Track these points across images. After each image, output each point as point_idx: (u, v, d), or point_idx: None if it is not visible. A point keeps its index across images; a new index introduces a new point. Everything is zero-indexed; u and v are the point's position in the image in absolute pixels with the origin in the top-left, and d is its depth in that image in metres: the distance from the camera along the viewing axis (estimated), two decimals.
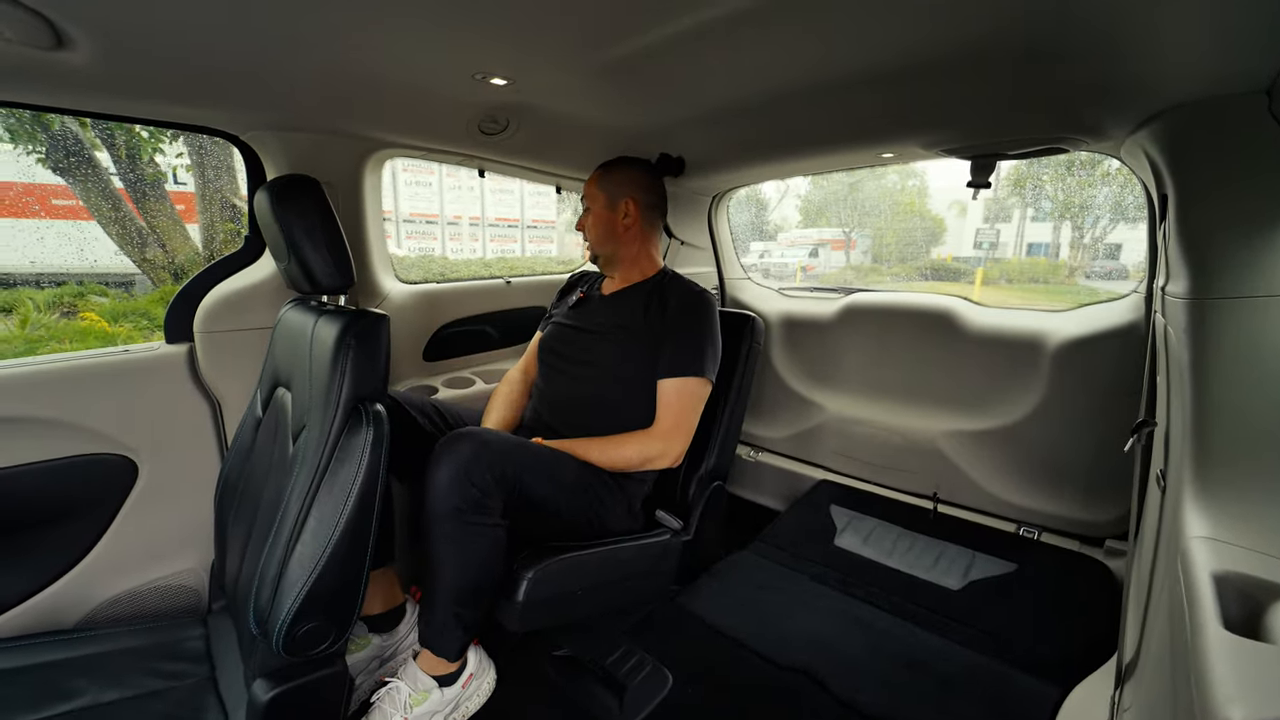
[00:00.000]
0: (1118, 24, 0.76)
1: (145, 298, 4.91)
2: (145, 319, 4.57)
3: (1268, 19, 0.66)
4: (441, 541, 0.93)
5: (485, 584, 0.98)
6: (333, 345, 0.79)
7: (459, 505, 0.92)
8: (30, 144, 3.93)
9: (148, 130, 4.24)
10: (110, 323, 4.60)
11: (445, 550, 0.93)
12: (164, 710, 0.83)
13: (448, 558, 0.94)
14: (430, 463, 0.94)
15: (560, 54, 0.90)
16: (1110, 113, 1.00)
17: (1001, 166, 1.32)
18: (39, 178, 4.06)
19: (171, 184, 4.65)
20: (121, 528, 1.13)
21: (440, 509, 0.92)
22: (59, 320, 4.59)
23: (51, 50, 0.76)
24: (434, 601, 0.97)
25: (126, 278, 4.96)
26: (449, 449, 0.94)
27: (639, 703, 1.04)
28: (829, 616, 1.25)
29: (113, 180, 4.21)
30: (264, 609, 0.73)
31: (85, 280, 4.94)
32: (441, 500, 0.92)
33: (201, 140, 4.19)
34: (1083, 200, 9.51)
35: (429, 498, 0.93)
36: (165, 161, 4.54)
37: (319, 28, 0.77)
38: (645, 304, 1.23)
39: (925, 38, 0.83)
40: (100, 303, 4.98)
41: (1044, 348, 1.49)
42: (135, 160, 4.31)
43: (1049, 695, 1.03)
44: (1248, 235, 0.82)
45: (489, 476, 0.94)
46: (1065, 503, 1.50)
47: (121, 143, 4.09)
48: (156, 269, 4.58)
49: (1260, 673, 0.47)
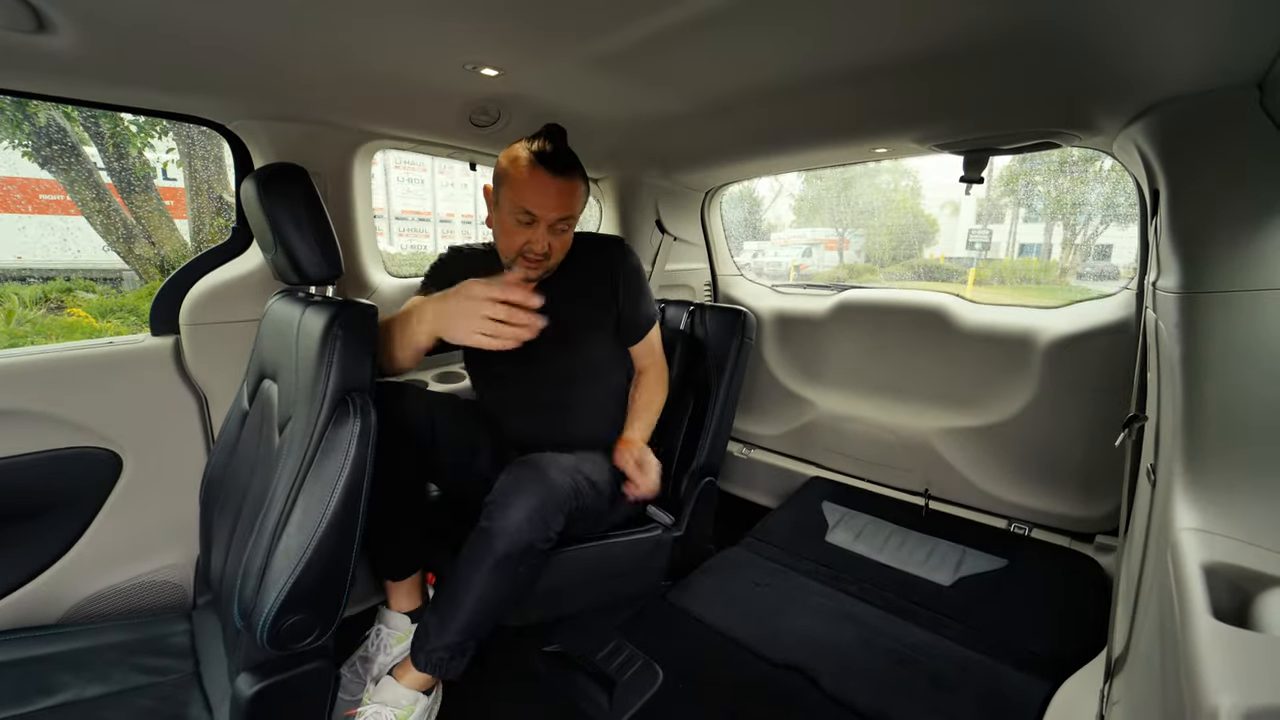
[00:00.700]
0: (1109, 18, 0.76)
1: (133, 293, 4.85)
2: (134, 315, 4.52)
3: (1259, 11, 0.66)
4: (501, 577, 0.94)
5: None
6: (320, 336, 0.78)
7: (531, 543, 0.93)
8: (15, 136, 3.87)
9: (136, 124, 4.20)
10: (98, 318, 4.55)
11: (503, 584, 0.94)
12: (148, 705, 0.81)
13: (502, 589, 0.95)
14: (499, 501, 0.96)
15: (551, 45, 0.90)
16: (1102, 107, 1.00)
17: (994, 166, 1.32)
18: (23, 171, 4.00)
19: (160, 179, 4.59)
20: (105, 522, 1.11)
21: (509, 549, 0.93)
22: (45, 316, 4.53)
23: (33, 34, 0.74)
24: (455, 624, 0.96)
25: (114, 273, 4.90)
26: (521, 491, 0.96)
27: (628, 699, 1.04)
28: (821, 613, 1.25)
29: (100, 175, 4.16)
30: (249, 602, 0.72)
31: (72, 276, 4.88)
32: (512, 540, 0.93)
33: (191, 134, 4.15)
34: (1075, 199, 9.59)
35: (496, 535, 0.93)
36: (155, 156, 4.48)
37: (307, 15, 0.76)
38: (575, 280, 1.16)
39: (918, 32, 0.83)
40: (88, 298, 4.92)
41: (1035, 344, 1.50)
42: (123, 154, 4.26)
43: (1040, 690, 1.03)
44: (1240, 229, 0.82)
45: (561, 516, 0.96)
46: (1056, 499, 1.50)
47: (109, 136, 4.03)
48: (145, 264, 4.53)
49: (1249, 661, 0.47)
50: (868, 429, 1.77)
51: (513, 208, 1.02)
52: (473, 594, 0.94)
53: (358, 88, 1.03)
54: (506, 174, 1.03)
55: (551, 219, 1.02)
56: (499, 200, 1.06)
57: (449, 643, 0.96)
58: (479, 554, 0.94)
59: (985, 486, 1.58)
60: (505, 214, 1.04)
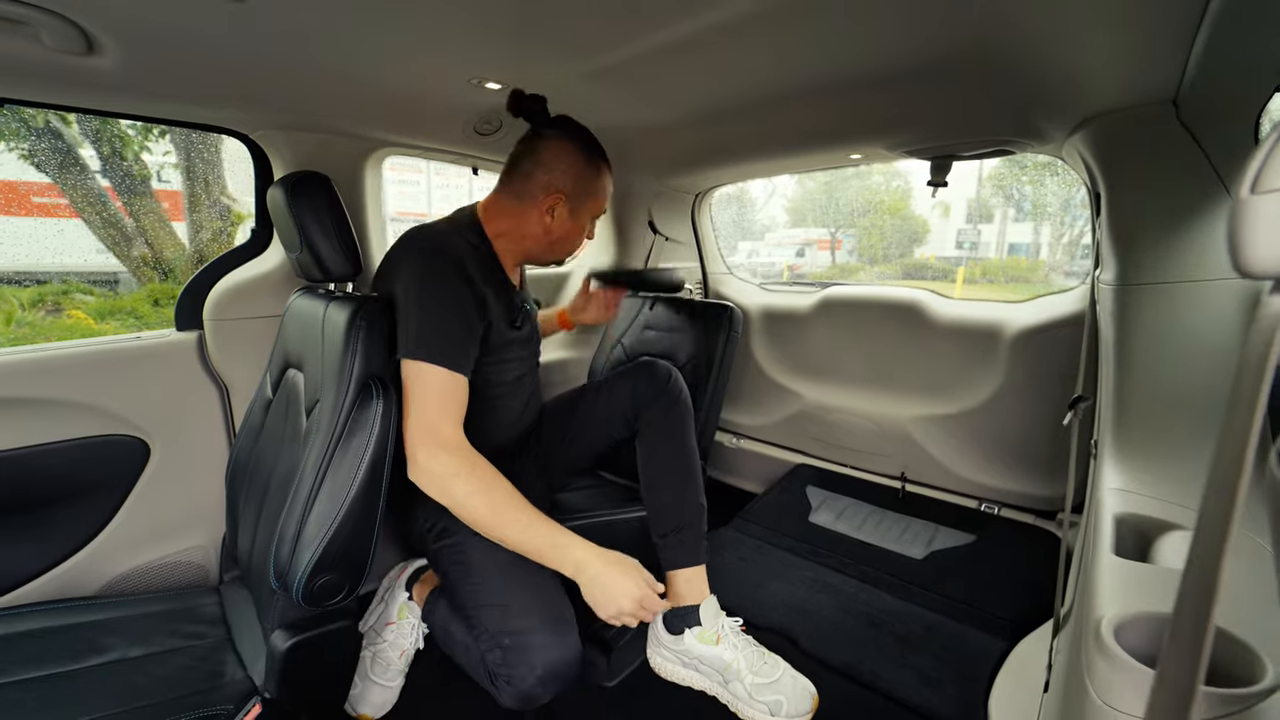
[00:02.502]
0: (1043, 45, 0.86)
1: (131, 295, 4.87)
2: (133, 317, 4.54)
3: (1165, 39, 0.76)
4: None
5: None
6: (344, 327, 0.87)
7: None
8: (12, 140, 3.90)
9: (134, 128, 4.24)
10: (97, 320, 4.58)
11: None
12: (188, 663, 0.90)
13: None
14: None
15: (551, 62, 0.99)
16: (1047, 119, 1.11)
17: (983, 168, 1.43)
18: (17, 174, 4.02)
19: (156, 182, 4.62)
20: (134, 505, 1.19)
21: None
22: (45, 318, 4.56)
23: (84, 56, 0.83)
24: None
25: (111, 276, 4.92)
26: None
27: (625, 660, 1.13)
28: (801, 583, 1.35)
29: (97, 178, 4.19)
30: (284, 564, 0.81)
31: (69, 279, 4.89)
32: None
33: (190, 138, 4.20)
34: (1063, 199, 9.75)
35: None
36: (152, 160, 4.52)
37: (327, 36, 0.85)
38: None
39: (885, 53, 0.93)
40: (86, 300, 4.94)
41: (1002, 336, 1.61)
42: (120, 158, 4.29)
43: (998, 647, 1.13)
44: (1164, 228, 0.93)
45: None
46: (1022, 480, 1.61)
47: (106, 139, 4.07)
48: (142, 267, 4.56)
49: (1133, 584, 0.57)
50: (849, 418, 1.88)
51: (593, 215, 1.10)
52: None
53: (372, 101, 1.12)
54: (589, 189, 1.05)
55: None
56: (573, 212, 1.05)
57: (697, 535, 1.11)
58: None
59: (957, 469, 1.69)
60: (583, 221, 1.08)
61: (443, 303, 0.91)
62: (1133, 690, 0.42)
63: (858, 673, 1.08)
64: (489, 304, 0.99)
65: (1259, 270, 0.24)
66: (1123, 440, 0.86)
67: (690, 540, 1.09)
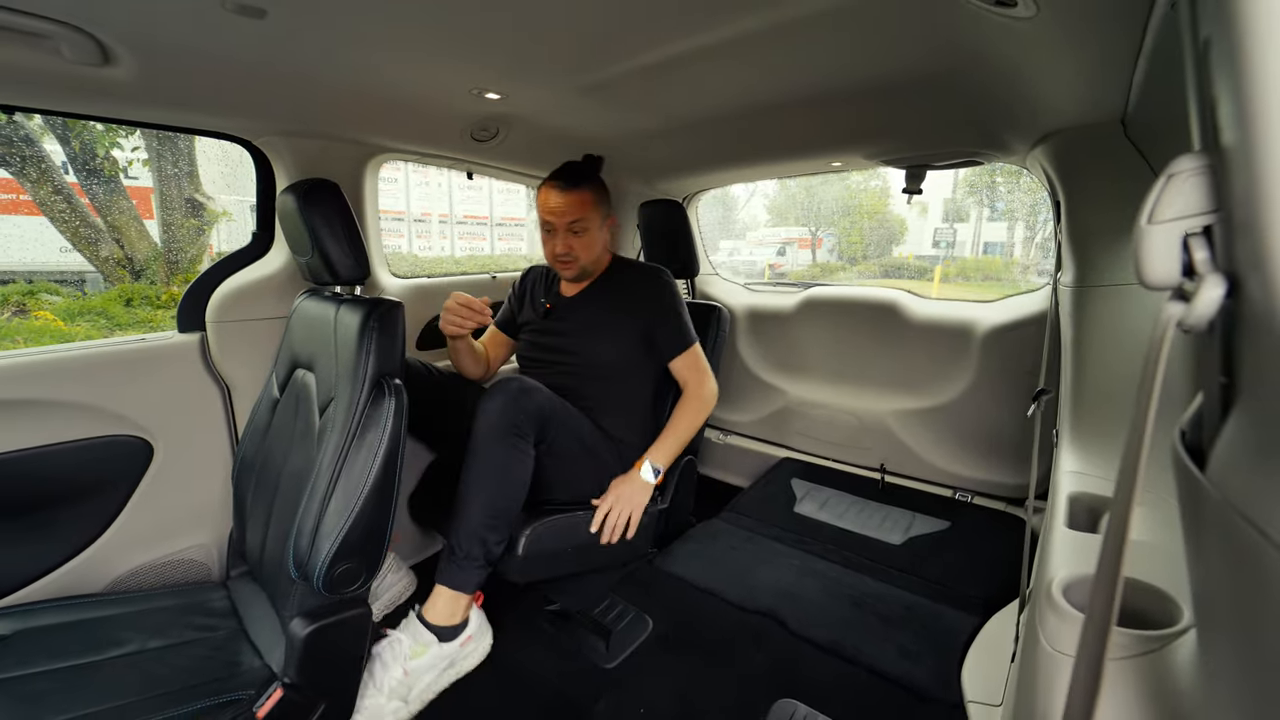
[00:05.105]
0: (1003, 69, 0.94)
1: (101, 296, 4.72)
2: (103, 318, 4.41)
3: (1114, 69, 0.85)
4: (486, 461, 1.09)
5: (513, 507, 1.12)
6: (357, 329, 0.91)
7: (506, 429, 1.09)
8: None
9: (103, 124, 4.12)
10: (66, 321, 4.44)
11: (488, 468, 1.09)
12: (205, 653, 0.93)
13: (489, 473, 1.09)
14: (484, 397, 1.13)
15: (548, 76, 1.04)
16: (1012, 134, 1.20)
17: (959, 170, 1.52)
18: None
19: (124, 179, 4.47)
20: (138, 505, 1.21)
21: (489, 432, 1.09)
22: (11, 319, 4.41)
23: (100, 67, 0.86)
24: (464, 528, 1.09)
25: (77, 275, 4.76)
26: (501, 386, 1.12)
27: (623, 643, 1.19)
28: (788, 569, 1.42)
29: (65, 175, 4.05)
30: (303, 555, 0.85)
31: (34, 278, 4.73)
32: (492, 424, 1.09)
33: (162, 134, 4.10)
34: (1035, 200, 10.06)
35: (479, 424, 1.10)
36: (121, 156, 4.39)
37: (333, 49, 0.89)
38: (609, 297, 1.37)
39: (861, 71, 1.01)
40: (53, 301, 4.79)
41: (973, 334, 1.70)
42: (90, 154, 4.16)
43: (971, 624, 1.22)
44: (1115, 235, 1.02)
45: (531, 407, 1.12)
46: (994, 469, 1.71)
47: (74, 134, 3.94)
48: (112, 266, 4.43)
49: (1081, 551, 0.65)
50: (832, 413, 1.96)
51: (540, 221, 1.30)
52: (470, 488, 1.09)
53: (374, 109, 1.16)
54: (536, 197, 1.29)
55: (564, 224, 1.27)
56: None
57: (453, 552, 1.09)
58: (471, 449, 1.10)
59: (933, 461, 1.78)
60: (540, 228, 1.30)
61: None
62: (1073, 635, 0.50)
63: (842, 650, 1.16)
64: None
65: (1154, 283, 0.30)
66: (1078, 428, 0.95)
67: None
